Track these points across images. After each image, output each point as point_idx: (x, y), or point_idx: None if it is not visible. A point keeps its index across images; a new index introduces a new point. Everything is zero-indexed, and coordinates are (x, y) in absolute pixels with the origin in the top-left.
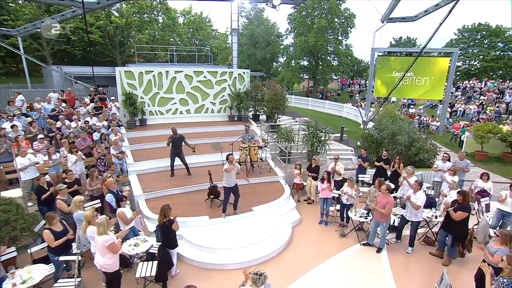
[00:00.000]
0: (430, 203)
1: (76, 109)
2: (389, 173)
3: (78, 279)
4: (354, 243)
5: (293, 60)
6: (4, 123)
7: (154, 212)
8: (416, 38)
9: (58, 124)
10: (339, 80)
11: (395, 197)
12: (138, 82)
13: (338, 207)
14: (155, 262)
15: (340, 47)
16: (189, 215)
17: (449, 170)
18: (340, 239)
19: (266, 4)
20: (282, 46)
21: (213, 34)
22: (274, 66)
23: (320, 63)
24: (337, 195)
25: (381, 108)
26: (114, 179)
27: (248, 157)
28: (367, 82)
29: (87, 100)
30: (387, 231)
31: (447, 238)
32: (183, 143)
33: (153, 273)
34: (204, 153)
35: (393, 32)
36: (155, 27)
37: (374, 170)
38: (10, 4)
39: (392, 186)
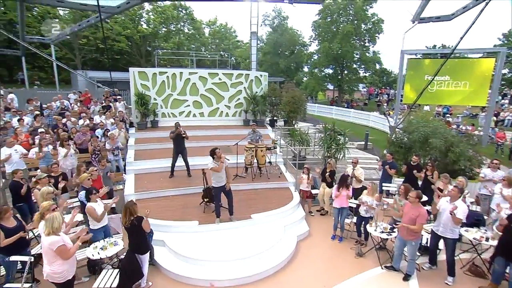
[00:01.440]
0: (477, 221)
1: (88, 109)
2: (420, 183)
3: (27, 285)
4: (374, 266)
5: (316, 68)
6: (13, 118)
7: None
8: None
9: (64, 120)
10: (367, 90)
11: (428, 212)
12: (152, 83)
13: (355, 219)
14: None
15: (367, 54)
16: (178, 218)
17: (502, 180)
18: (356, 259)
19: (283, 1)
20: (304, 53)
21: (238, 44)
22: (298, 75)
23: (346, 71)
24: (354, 205)
25: (410, 114)
26: (90, 175)
27: (255, 159)
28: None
29: (102, 101)
30: (418, 253)
31: (508, 269)
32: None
33: (115, 285)
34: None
35: (424, 40)
36: (181, 38)
37: (402, 180)
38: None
39: (424, 198)
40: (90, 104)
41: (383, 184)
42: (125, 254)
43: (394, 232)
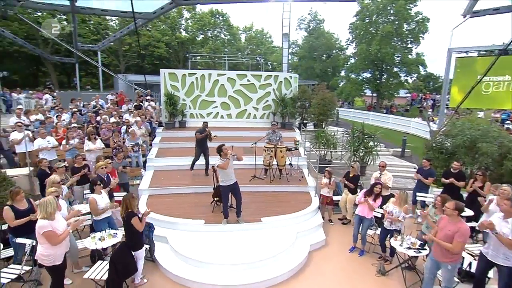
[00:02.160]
0: None
1: (121, 108)
2: (465, 195)
3: (27, 268)
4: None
5: (353, 73)
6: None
7: (157, 212)
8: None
9: (98, 118)
10: (410, 95)
11: (473, 229)
12: (181, 84)
13: (379, 231)
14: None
15: (410, 56)
16: (185, 216)
17: None
18: (377, 277)
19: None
20: (341, 57)
21: (273, 49)
22: (334, 80)
23: (385, 75)
24: (380, 215)
25: (456, 118)
26: (105, 164)
27: (275, 160)
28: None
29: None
30: (456, 279)
31: None
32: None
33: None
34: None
35: (473, 38)
36: (217, 43)
37: (441, 190)
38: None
39: (470, 212)
40: (125, 104)
41: (417, 194)
42: (117, 246)
43: (426, 249)
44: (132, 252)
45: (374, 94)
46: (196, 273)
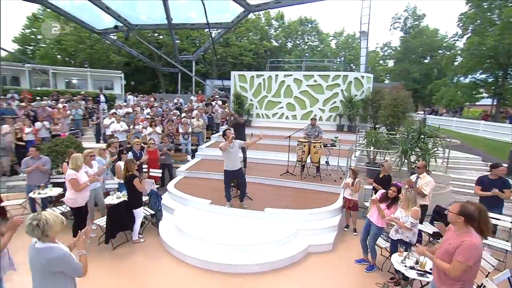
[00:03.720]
0: None
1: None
2: None
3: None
4: None
5: (458, 74)
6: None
7: (177, 188)
8: None
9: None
10: None
11: None
12: (249, 85)
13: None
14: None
15: None
16: (199, 196)
17: None
18: None
19: None
20: (446, 57)
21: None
22: (435, 84)
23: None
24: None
25: None
26: (138, 142)
27: (308, 156)
28: None
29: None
30: None
31: None
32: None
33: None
34: (277, 151)
35: None
36: (304, 50)
37: None
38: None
39: None
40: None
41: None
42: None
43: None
44: (133, 211)
45: (488, 100)
46: (187, 245)
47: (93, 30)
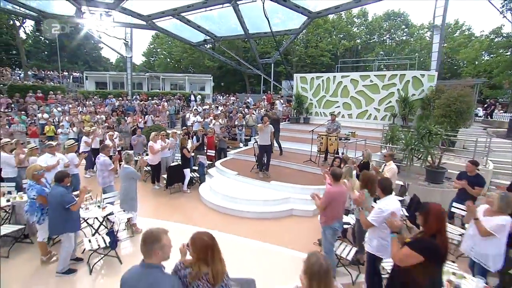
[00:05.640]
0: None
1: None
2: None
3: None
4: None
5: None
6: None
7: (221, 164)
8: None
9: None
10: None
11: None
12: (310, 86)
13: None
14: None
15: None
16: (233, 170)
17: None
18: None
19: None
20: None
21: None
22: None
23: None
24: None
25: None
26: (203, 129)
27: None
28: None
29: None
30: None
31: None
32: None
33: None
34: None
35: None
36: (390, 45)
37: None
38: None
39: None
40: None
41: (454, 205)
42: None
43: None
44: (183, 170)
45: None
46: (214, 198)
47: (190, 43)
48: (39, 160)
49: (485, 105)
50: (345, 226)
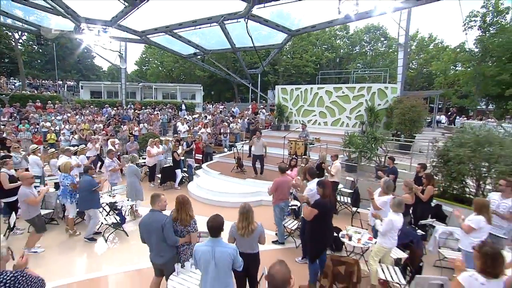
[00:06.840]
0: None
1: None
2: None
3: None
4: None
5: None
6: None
7: (207, 166)
8: None
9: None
10: None
11: None
12: (290, 96)
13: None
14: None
15: None
16: (216, 170)
17: None
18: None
19: None
20: None
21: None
22: None
23: None
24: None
25: None
26: (191, 136)
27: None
28: None
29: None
30: None
31: None
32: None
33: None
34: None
35: None
36: (370, 56)
37: None
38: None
39: None
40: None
41: None
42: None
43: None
44: (175, 170)
45: None
46: (200, 192)
47: (181, 56)
48: (60, 160)
49: (449, 113)
50: (293, 207)
